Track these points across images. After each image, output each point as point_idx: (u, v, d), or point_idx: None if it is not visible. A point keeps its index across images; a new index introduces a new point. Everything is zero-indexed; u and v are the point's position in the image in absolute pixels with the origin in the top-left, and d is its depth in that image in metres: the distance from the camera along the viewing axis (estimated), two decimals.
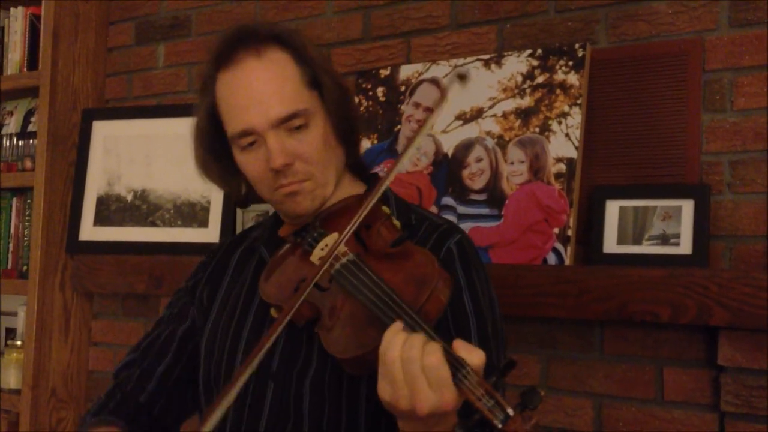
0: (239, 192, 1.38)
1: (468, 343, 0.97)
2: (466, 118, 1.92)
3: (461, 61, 1.96)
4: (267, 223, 1.41)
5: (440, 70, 1.99)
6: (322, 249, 1.19)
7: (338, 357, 1.08)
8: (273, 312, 1.20)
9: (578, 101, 1.79)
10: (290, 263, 1.24)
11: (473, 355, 0.95)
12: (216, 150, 1.32)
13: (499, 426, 0.89)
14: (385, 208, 1.21)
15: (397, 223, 1.21)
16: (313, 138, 1.24)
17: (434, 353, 0.94)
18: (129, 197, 2.43)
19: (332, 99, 1.27)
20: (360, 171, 1.39)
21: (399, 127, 2.01)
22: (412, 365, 0.95)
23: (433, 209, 1.89)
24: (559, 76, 1.82)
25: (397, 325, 0.99)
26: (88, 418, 1.37)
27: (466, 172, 1.89)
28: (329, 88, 1.27)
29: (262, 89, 1.23)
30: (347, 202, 1.27)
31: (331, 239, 1.19)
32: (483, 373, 0.96)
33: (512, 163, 1.84)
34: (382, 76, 2.08)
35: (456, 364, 0.94)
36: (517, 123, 1.85)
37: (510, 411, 0.90)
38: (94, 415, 1.37)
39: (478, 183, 1.87)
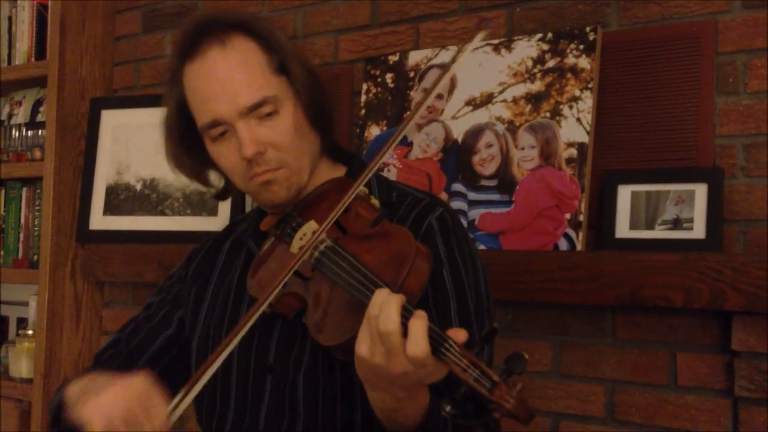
0: (209, 184, 1.35)
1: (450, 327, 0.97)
2: (475, 104, 1.91)
3: (471, 46, 1.94)
4: (252, 214, 1.40)
5: (449, 55, 1.97)
6: (301, 239, 1.18)
7: (325, 345, 1.08)
8: (265, 306, 1.19)
9: (589, 85, 1.77)
10: (273, 257, 1.24)
11: (458, 334, 0.95)
12: (187, 143, 1.30)
13: (487, 395, 0.89)
14: (362, 188, 1.20)
15: (375, 202, 1.20)
16: (283, 125, 1.23)
17: (420, 343, 0.93)
18: (138, 186, 2.43)
19: (302, 84, 1.25)
20: (338, 154, 1.37)
21: (408, 113, 2.00)
22: (393, 338, 0.94)
23: (443, 196, 1.87)
24: (570, 60, 1.81)
25: (384, 290, 0.99)
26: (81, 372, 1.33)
27: (476, 158, 1.88)
28: (298, 73, 1.25)
29: (229, 78, 1.21)
30: (325, 187, 1.26)
31: (308, 228, 1.19)
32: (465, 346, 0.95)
33: (523, 149, 1.82)
34: (391, 62, 2.07)
35: (437, 338, 0.94)
36: (528, 108, 1.84)
37: (496, 379, 0.90)
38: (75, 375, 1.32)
39: (489, 169, 1.86)
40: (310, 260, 1.12)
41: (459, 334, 0.95)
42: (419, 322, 0.94)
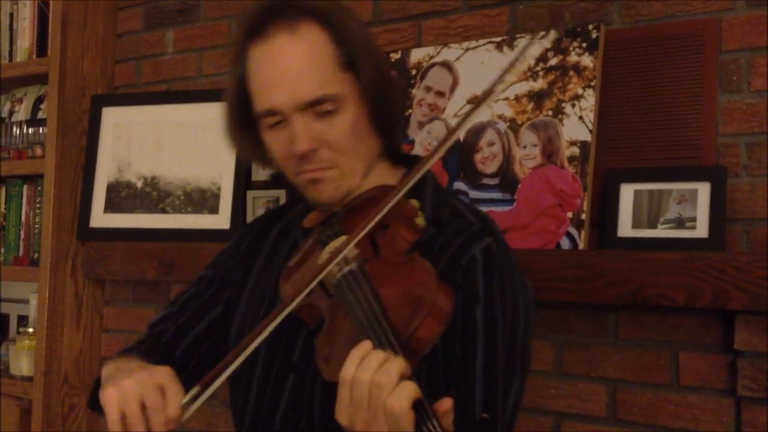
0: (268, 164, 1.30)
1: (450, 404, 0.93)
2: (477, 102, 1.90)
3: (473, 43, 1.93)
4: (303, 203, 1.33)
5: (451, 53, 1.96)
6: (330, 252, 1.13)
7: (327, 380, 1.04)
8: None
9: (592, 83, 1.76)
10: (307, 262, 1.19)
11: (449, 419, 0.91)
12: (244, 123, 1.25)
13: None
14: (413, 202, 1.13)
15: (420, 221, 1.12)
16: (342, 125, 1.17)
17: (402, 398, 0.90)
18: (139, 184, 2.43)
19: (369, 84, 1.19)
20: (399, 156, 1.31)
21: (410, 111, 1.99)
22: (380, 395, 0.91)
23: None
24: (573, 57, 1.80)
25: (366, 345, 0.95)
26: (122, 350, 1.32)
27: (478, 156, 1.87)
28: (367, 71, 1.18)
29: (292, 68, 1.15)
30: (374, 193, 1.19)
31: (339, 242, 1.12)
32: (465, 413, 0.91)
33: (525, 147, 1.82)
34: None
35: (424, 415, 0.89)
36: (530, 106, 1.83)
37: None
38: (126, 351, 1.32)
39: (491, 167, 1.85)
40: (334, 280, 1.06)
41: (442, 403, 0.91)
42: (409, 384, 0.91)
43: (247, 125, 1.25)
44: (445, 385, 0.95)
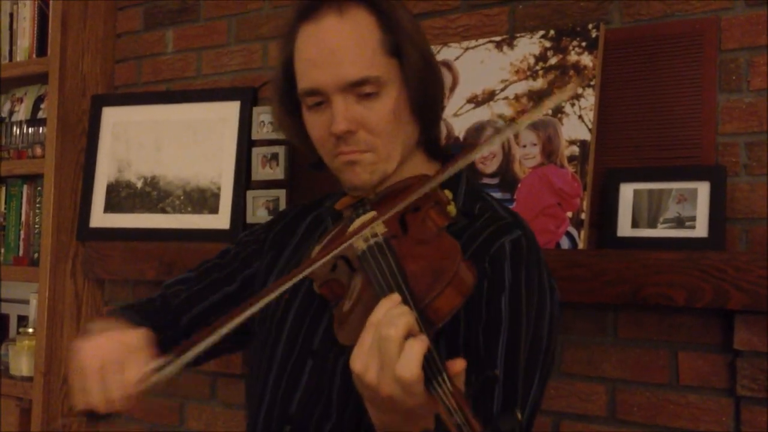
0: (308, 148, 1.30)
1: (463, 364, 0.91)
2: (477, 101, 1.90)
3: (473, 43, 1.93)
4: (339, 192, 1.34)
5: (451, 52, 1.96)
6: (358, 225, 1.13)
7: (341, 343, 1.04)
8: (315, 286, 1.16)
9: (592, 82, 1.76)
10: (334, 239, 1.18)
11: (455, 363, 0.90)
12: (288, 104, 1.27)
13: None
14: (447, 192, 1.15)
15: (452, 209, 1.13)
16: (382, 108, 1.18)
17: (411, 364, 0.88)
18: (139, 184, 2.42)
19: (412, 71, 1.20)
20: (436, 150, 1.31)
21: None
22: (390, 345, 0.90)
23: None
24: (573, 57, 1.80)
25: (395, 298, 0.95)
26: (115, 312, 1.33)
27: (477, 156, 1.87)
28: (411, 58, 1.20)
29: (338, 49, 1.17)
30: (409, 182, 1.19)
31: (368, 217, 1.13)
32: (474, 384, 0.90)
33: (524, 146, 1.82)
34: None
35: (434, 369, 0.89)
36: (530, 105, 1.83)
37: (478, 430, 0.83)
38: (123, 309, 1.33)
39: (490, 167, 1.85)
40: (359, 252, 1.07)
41: (455, 363, 0.91)
42: (417, 344, 0.90)
43: (291, 108, 1.27)
44: (466, 375, 0.95)
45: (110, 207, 2.45)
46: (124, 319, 1.23)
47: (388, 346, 0.90)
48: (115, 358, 1.06)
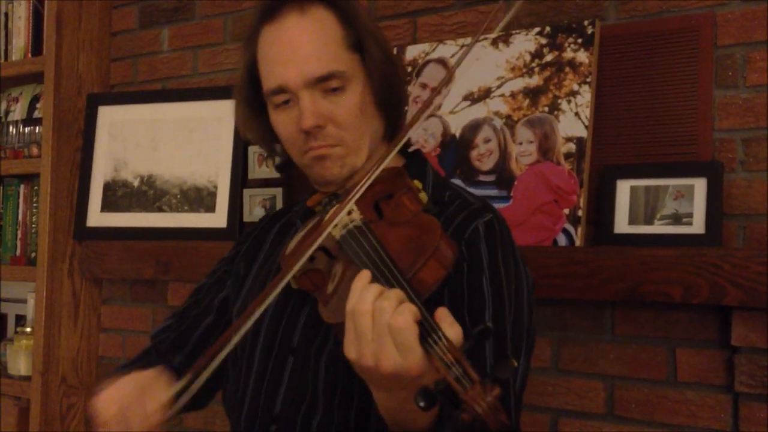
0: (275, 152, 1.33)
1: (450, 316, 0.94)
2: (473, 99, 1.89)
3: (468, 40, 1.93)
4: (306, 196, 1.36)
5: (447, 49, 1.96)
6: (332, 213, 1.15)
7: (328, 322, 1.06)
8: (292, 282, 1.16)
9: (588, 79, 1.76)
10: (309, 233, 1.20)
11: (452, 329, 0.92)
12: (254, 106, 1.29)
13: (461, 394, 0.86)
14: (416, 182, 1.17)
15: (423, 197, 1.16)
16: (348, 102, 1.20)
17: (405, 313, 0.91)
18: (135, 183, 2.42)
19: (375, 65, 1.22)
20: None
21: (406, 108, 1.98)
22: (383, 316, 0.92)
23: None
24: (568, 53, 1.79)
25: (365, 275, 0.97)
26: (118, 370, 1.35)
27: (474, 153, 1.87)
28: (373, 53, 1.22)
29: (301, 46, 1.19)
30: (379, 174, 1.21)
31: (341, 207, 1.14)
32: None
33: (521, 144, 1.81)
34: None
35: (428, 328, 0.91)
36: (526, 102, 1.83)
37: (475, 378, 0.86)
38: (123, 367, 1.36)
39: (487, 164, 1.85)
40: (336, 237, 1.09)
41: (455, 330, 0.92)
42: (409, 304, 0.93)
43: (256, 110, 1.29)
44: None
45: (107, 206, 2.45)
46: (129, 370, 1.25)
47: (382, 317, 0.92)
48: (133, 396, 1.08)
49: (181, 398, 1.08)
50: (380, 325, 0.92)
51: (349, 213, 1.10)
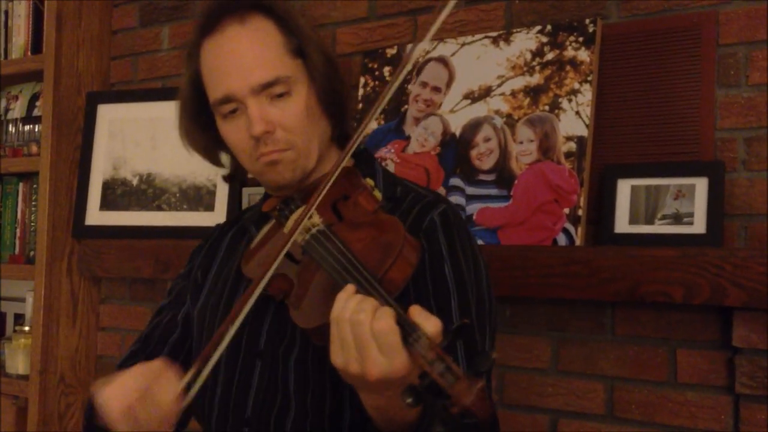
0: (220, 163, 1.36)
1: (425, 310, 0.95)
2: (473, 97, 1.89)
3: (469, 38, 1.92)
4: (258, 202, 1.40)
5: (448, 48, 1.95)
6: (293, 221, 1.18)
7: (302, 327, 1.08)
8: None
9: (589, 78, 1.75)
10: (270, 239, 1.24)
11: (429, 323, 0.93)
12: (200, 120, 1.30)
13: (447, 389, 0.88)
14: (368, 180, 1.20)
15: (378, 194, 1.19)
16: (295, 106, 1.23)
17: (385, 318, 0.92)
18: (135, 181, 2.41)
19: (317, 69, 1.25)
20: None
21: (406, 107, 1.98)
22: (362, 328, 0.93)
23: (442, 190, 1.85)
24: (569, 52, 1.78)
25: (350, 288, 0.98)
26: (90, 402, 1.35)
27: (474, 152, 1.86)
28: (314, 57, 1.25)
29: (244, 55, 1.21)
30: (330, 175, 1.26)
31: (299, 212, 1.17)
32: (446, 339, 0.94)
33: (521, 143, 1.80)
34: (389, 55, 2.05)
35: (407, 328, 0.92)
36: (526, 101, 1.82)
37: (459, 373, 0.88)
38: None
39: (487, 163, 1.84)
40: (301, 243, 1.12)
41: (433, 322, 0.94)
42: (386, 309, 0.94)
43: (201, 123, 1.31)
44: None
45: (106, 204, 2.44)
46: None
47: (361, 330, 0.93)
48: (141, 392, 1.06)
49: (190, 389, 1.08)
50: (362, 334, 0.94)
51: (310, 217, 1.12)
